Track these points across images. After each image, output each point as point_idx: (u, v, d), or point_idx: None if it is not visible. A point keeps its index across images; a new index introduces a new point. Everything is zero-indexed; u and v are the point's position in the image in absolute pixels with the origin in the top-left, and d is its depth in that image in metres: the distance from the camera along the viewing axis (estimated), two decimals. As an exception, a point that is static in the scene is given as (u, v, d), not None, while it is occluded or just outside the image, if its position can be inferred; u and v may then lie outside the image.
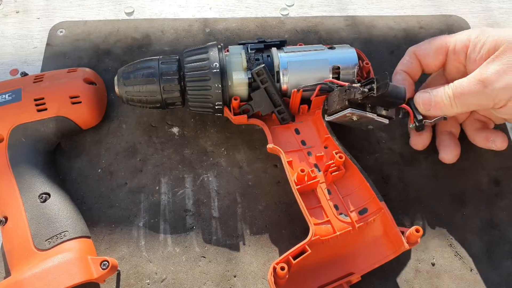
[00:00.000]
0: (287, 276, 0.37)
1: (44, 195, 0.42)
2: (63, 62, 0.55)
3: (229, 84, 0.44)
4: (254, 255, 0.44)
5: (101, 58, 0.56)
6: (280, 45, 0.47)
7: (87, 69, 0.51)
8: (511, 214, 0.46)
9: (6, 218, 0.41)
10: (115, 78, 0.46)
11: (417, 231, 0.38)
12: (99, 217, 0.46)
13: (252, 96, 0.45)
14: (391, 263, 0.41)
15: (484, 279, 0.43)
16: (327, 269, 0.41)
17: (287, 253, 0.38)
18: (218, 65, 0.44)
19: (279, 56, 0.45)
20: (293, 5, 0.62)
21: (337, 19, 0.60)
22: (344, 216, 0.41)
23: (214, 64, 0.44)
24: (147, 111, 0.52)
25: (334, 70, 0.45)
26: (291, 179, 0.41)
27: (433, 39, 0.46)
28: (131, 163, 0.49)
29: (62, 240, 0.40)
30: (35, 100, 0.45)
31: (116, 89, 0.46)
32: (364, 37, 0.58)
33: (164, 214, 0.46)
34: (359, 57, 0.47)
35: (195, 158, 0.49)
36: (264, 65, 0.43)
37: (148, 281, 0.42)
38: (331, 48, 0.47)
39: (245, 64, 0.45)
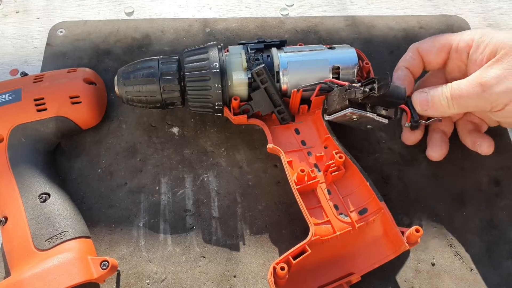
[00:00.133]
0: (287, 276, 0.37)
1: (44, 195, 0.42)
2: (63, 62, 0.55)
3: (229, 84, 0.44)
4: (254, 255, 0.44)
5: (101, 58, 0.56)
6: (280, 45, 0.47)
7: (87, 69, 0.51)
8: (511, 214, 0.46)
9: (6, 218, 0.41)
10: (115, 78, 0.46)
11: (417, 231, 0.38)
12: (99, 217, 0.46)
13: (252, 96, 0.45)
14: (391, 263, 0.41)
15: (484, 279, 0.43)
16: (327, 269, 0.41)
17: (287, 253, 0.38)
18: (218, 65, 0.43)
19: (279, 56, 0.45)
20: (293, 5, 0.62)
21: (337, 19, 0.60)
22: (344, 216, 0.41)
23: (214, 64, 0.44)
24: (147, 111, 0.52)
25: (334, 70, 0.45)
26: (291, 179, 0.41)
27: (436, 36, 0.46)
28: (131, 163, 0.49)
29: (62, 240, 0.40)
30: (35, 100, 0.45)
31: (116, 89, 0.46)
32: (364, 37, 0.58)
33: (164, 214, 0.46)
34: (359, 57, 0.47)
35: (195, 158, 0.49)
36: (264, 65, 0.43)
37: (148, 281, 0.42)
38: (331, 48, 0.47)
39: (245, 64, 0.45)
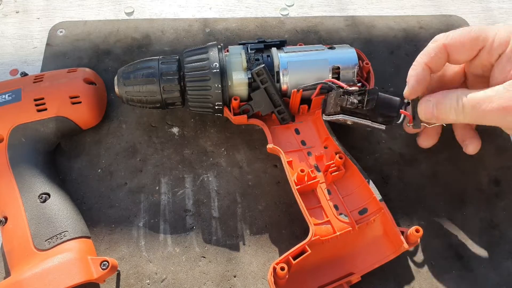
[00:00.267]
0: (287, 276, 0.37)
1: (44, 195, 0.42)
2: (63, 62, 0.55)
3: (229, 84, 0.44)
4: (254, 255, 0.44)
5: (101, 58, 0.56)
6: (280, 45, 0.47)
7: (87, 69, 0.51)
8: (511, 214, 0.46)
9: (6, 218, 0.41)
10: (115, 78, 0.46)
11: (417, 231, 0.38)
12: (99, 217, 0.46)
13: (252, 96, 0.45)
14: (391, 263, 0.41)
15: (484, 279, 0.43)
16: (327, 269, 0.41)
17: (287, 253, 0.38)
18: (218, 65, 0.43)
19: (279, 56, 0.45)
20: (293, 5, 0.62)
21: (337, 19, 0.60)
22: (344, 216, 0.41)
23: (214, 64, 0.43)
24: (147, 111, 0.52)
25: (334, 70, 0.45)
26: (291, 179, 0.41)
27: (468, 31, 0.40)
28: (131, 163, 0.49)
29: (62, 240, 0.40)
30: (35, 100, 0.45)
31: (116, 89, 0.46)
32: (364, 37, 0.58)
33: (164, 214, 0.46)
34: (359, 57, 0.46)
35: (195, 158, 0.49)
36: (264, 65, 0.43)
37: (148, 281, 0.42)
38: (331, 48, 0.47)
39: (245, 64, 0.45)
